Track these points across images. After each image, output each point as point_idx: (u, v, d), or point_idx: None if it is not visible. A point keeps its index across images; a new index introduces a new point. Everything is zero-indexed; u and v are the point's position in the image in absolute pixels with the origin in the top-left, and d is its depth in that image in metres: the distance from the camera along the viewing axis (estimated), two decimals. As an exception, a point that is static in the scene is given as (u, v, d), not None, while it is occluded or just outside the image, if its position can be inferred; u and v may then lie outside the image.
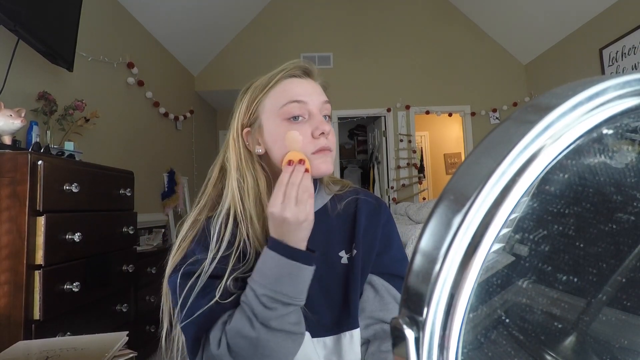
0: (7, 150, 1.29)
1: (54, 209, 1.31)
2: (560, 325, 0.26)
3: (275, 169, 0.64)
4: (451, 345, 0.15)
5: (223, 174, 0.66)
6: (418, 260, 0.17)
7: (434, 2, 4.50)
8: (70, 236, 1.36)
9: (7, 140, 1.44)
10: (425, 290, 0.16)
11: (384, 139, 4.52)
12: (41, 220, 1.25)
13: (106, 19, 2.54)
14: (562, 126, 0.16)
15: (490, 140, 0.17)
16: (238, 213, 0.60)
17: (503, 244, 0.23)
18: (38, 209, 1.25)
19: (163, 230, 2.80)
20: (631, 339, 0.26)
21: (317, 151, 0.60)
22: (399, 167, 4.39)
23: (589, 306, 0.26)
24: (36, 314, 1.22)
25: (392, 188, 4.38)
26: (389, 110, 4.40)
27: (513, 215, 0.16)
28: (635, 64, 2.92)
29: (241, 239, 0.60)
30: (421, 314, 0.16)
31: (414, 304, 0.16)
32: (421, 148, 5.75)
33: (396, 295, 0.64)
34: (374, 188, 5.07)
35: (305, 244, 0.56)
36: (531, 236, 0.23)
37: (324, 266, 0.63)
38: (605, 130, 0.20)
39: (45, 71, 1.92)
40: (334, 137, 0.64)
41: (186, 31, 3.50)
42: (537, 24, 3.82)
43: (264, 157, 0.65)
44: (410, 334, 0.16)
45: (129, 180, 1.88)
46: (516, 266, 0.24)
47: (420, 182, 4.63)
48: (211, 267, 0.58)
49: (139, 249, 2.17)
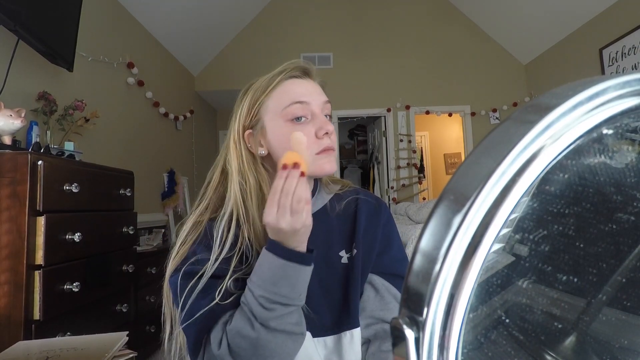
0: (7, 150, 1.29)
1: (54, 209, 1.31)
2: (560, 325, 0.26)
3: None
4: (451, 345, 0.15)
5: (225, 177, 0.66)
6: (418, 260, 0.17)
7: (434, 2, 4.50)
8: (70, 236, 1.36)
9: (7, 140, 1.44)
10: (425, 290, 0.16)
11: (384, 139, 4.52)
12: (41, 220, 1.25)
13: (106, 19, 2.54)
14: (562, 126, 0.16)
15: (490, 140, 0.17)
16: (241, 216, 0.60)
17: (503, 244, 0.23)
18: (38, 209, 1.25)
19: (163, 230, 2.80)
20: (631, 339, 0.26)
21: (322, 151, 0.61)
22: (399, 167, 4.39)
23: (589, 306, 0.26)
24: (36, 314, 1.22)
25: (392, 188, 4.38)
26: (389, 110, 4.40)
27: (513, 215, 0.16)
28: (635, 64, 2.92)
29: (243, 242, 0.60)
30: (421, 314, 0.16)
31: (414, 304, 0.16)
32: (421, 148, 5.75)
33: (397, 295, 0.64)
34: (374, 188, 5.07)
35: (305, 245, 0.55)
36: (531, 236, 0.23)
37: (324, 266, 0.64)
38: (605, 130, 0.20)
39: (45, 71, 1.92)
40: (335, 137, 0.64)
41: (186, 31, 3.50)
42: (537, 24, 3.82)
43: (266, 159, 0.65)
44: (410, 334, 0.16)
45: (129, 180, 1.88)
46: (516, 266, 0.24)
47: (420, 182, 4.63)
48: (213, 269, 0.58)
49: (139, 249, 2.17)
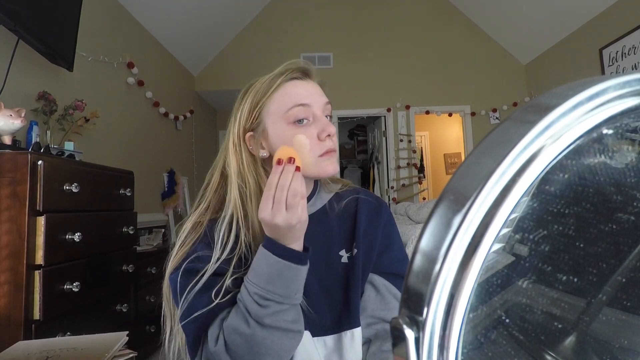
0: (7, 150, 1.29)
1: (54, 209, 1.31)
2: (560, 325, 0.26)
3: None
4: (451, 345, 0.15)
5: (224, 179, 0.66)
6: (418, 260, 0.17)
7: (434, 2, 4.50)
8: (70, 236, 1.36)
9: (7, 140, 1.44)
10: (425, 290, 0.16)
11: (384, 139, 4.52)
12: (41, 220, 1.25)
13: (106, 19, 2.54)
14: (562, 126, 0.16)
15: (490, 140, 0.17)
16: (240, 220, 0.61)
17: (503, 244, 0.23)
18: (38, 209, 1.25)
19: (163, 230, 2.80)
20: (631, 339, 0.26)
21: (324, 153, 0.61)
22: (399, 167, 4.39)
23: (589, 306, 0.26)
24: (36, 314, 1.22)
25: (392, 188, 4.38)
26: (389, 110, 4.40)
27: (513, 215, 0.16)
28: (635, 64, 2.92)
29: (242, 244, 0.60)
30: (421, 314, 0.16)
31: (414, 303, 0.16)
32: (421, 148, 5.75)
33: (397, 295, 0.64)
34: (374, 188, 5.07)
35: (301, 242, 0.56)
36: (531, 236, 0.23)
37: (324, 265, 0.64)
38: (605, 130, 0.20)
39: (45, 71, 1.92)
40: (336, 138, 0.64)
41: (186, 31, 3.50)
42: (537, 24, 3.82)
43: (267, 161, 0.65)
44: (410, 334, 0.16)
45: (129, 180, 1.88)
46: (516, 266, 0.24)
47: (420, 182, 4.63)
48: (213, 269, 0.58)
49: (139, 249, 2.17)
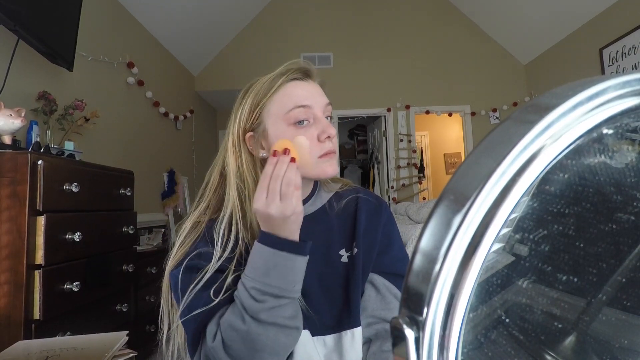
0: (7, 150, 1.29)
1: (54, 208, 1.31)
2: (560, 325, 0.26)
3: None
4: (451, 345, 0.15)
5: (223, 179, 0.66)
6: (418, 260, 0.17)
7: (434, 2, 4.50)
8: (70, 236, 1.36)
9: (7, 140, 1.44)
10: (425, 290, 0.16)
11: (384, 138, 4.52)
12: (41, 220, 1.25)
13: (106, 19, 2.54)
14: (562, 126, 0.16)
15: (490, 140, 0.17)
16: (238, 220, 0.61)
17: (503, 244, 0.23)
18: (38, 208, 1.25)
19: (163, 230, 2.80)
20: (631, 339, 0.26)
21: (324, 155, 0.61)
22: (399, 167, 4.39)
23: (589, 306, 0.26)
24: (36, 314, 1.22)
25: (392, 188, 4.38)
26: (389, 110, 4.40)
27: (513, 215, 0.16)
28: (635, 64, 2.92)
29: (242, 244, 0.60)
30: (421, 314, 0.16)
31: (414, 303, 0.16)
32: (421, 148, 5.75)
33: (397, 295, 0.64)
34: (374, 188, 5.06)
35: (297, 235, 0.55)
36: (531, 236, 0.23)
37: (323, 265, 0.64)
38: (605, 130, 0.20)
39: (45, 71, 1.92)
40: (336, 139, 0.64)
41: (186, 31, 3.50)
42: (537, 24, 3.82)
43: (266, 161, 0.65)
44: (410, 333, 0.16)
45: (129, 180, 1.88)
46: (516, 266, 0.24)
47: (420, 182, 4.63)
48: (214, 268, 0.58)
49: (139, 248, 2.17)
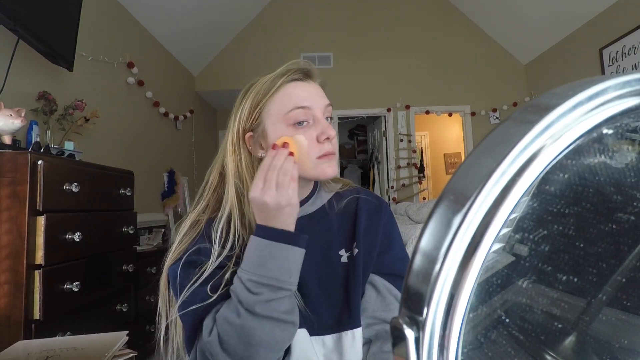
0: (7, 150, 1.29)
1: (54, 208, 1.31)
2: (560, 325, 0.26)
3: None
4: (451, 345, 0.15)
5: (222, 178, 0.66)
6: (418, 260, 0.17)
7: (434, 2, 4.50)
8: (70, 236, 1.36)
9: (7, 140, 1.44)
10: (425, 290, 0.16)
11: (384, 139, 4.52)
12: (41, 220, 1.25)
13: (106, 19, 2.54)
14: (562, 126, 0.16)
15: (490, 140, 0.17)
16: (237, 220, 0.61)
17: (503, 244, 0.23)
18: (38, 208, 1.25)
19: (163, 230, 2.80)
20: (631, 339, 0.26)
21: (323, 156, 0.61)
22: (399, 167, 4.39)
23: (589, 306, 0.26)
24: (36, 314, 1.22)
25: (392, 188, 4.38)
26: (389, 110, 4.40)
27: (513, 215, 0.16)
28: (635, 64, 2.92)
29: (240, 244, 0.61)
30: (421, 314, 0.16)
31: (414, 303, 0.16)
32: (421, 148, 5.75)
33: (398, 296, 0.64)
34: (374, 188, 5.06)
35: (292, 227, 0.56)
36: (531, 236, 0.23)
37: (323, 265, 0.64)
38: (605, 130, 0.20)
39: (45, 71, 1.92)
40: (336, 140, 0.64)
41: (186, 31, 3.50)
42: (537, 24, 3.82)
43: None
44: (410, 333, 0.16)
45: (129, 180, 1.88)
46: (516, 266, 0.24)
47: (420, 182, 4.63)
48: (211, 268, 0.58)
49: (139, 248, 2.17)
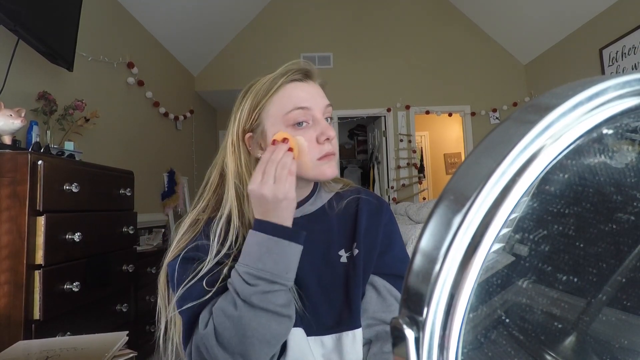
0: (7, 150, 1.29)
1: (54, 209, 1.31)
2: (560, 325, 0.26)
3: None
4: (451, 345, 0.15)
5: (222, 178, 0.66)
6: (418, 260, 0.17)
7: (434, 2, 4.50)
8: (70, 236, 1.36)
9: (7, 140, 1.44)
10: (425, 290, 0.16)
11: (384, 139, 4.52)
12: (41, 220, 1.25)
13: (106, 19, 2.54)
14: (562, 126, 0.16)
15: (490, 140, 0.17)
16: (236, 220, 0.61)
17: (503, 244, 0.23)
18: (38, 209, 1.25)
19: (163, 230, 2.80)
20: (631, 339, 0.26)
21: (323, 157, 0.61)
22: (399, 167, 4.39)
23: (589, 306, 0.26)
24: (36, 314, 1.22)
25: (392, 188, 4.38)
26: (389, 110, 4.40)
27: (513, 215, 0.16)
28: (635, 64, 2.92)
29: (239, 243, 0.61)
30: (421, 314, 0.16)
31: (414, 304, 0.16)
32: (421, 148, 5.75)
33: (398, 296, 0.64)
34: (374, 188, 5.06)
35: (290, 223, 0.56)
36: (531, 236, 0.23)
37: (322, 264, 0.64)
38: (605, 130, 0.20)
39: (45, 71, 1.92)
40: (336, 141, 0.64)
41: (186, 31, 3.50)
42: (537, 24, 3.82)
43: None
44: (410, 334, 0.16)
45: (129, 180, 1.88)
46: (516, 266, 0.24)
47: (420, 182, 4.63)
48: (209, 265, 0.58)
49: (139, 248, 2.17)
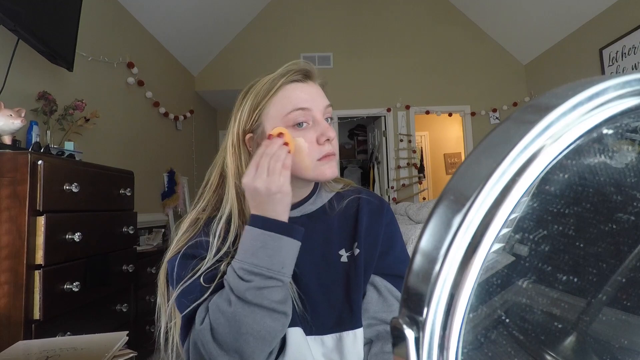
0: (7, 150, 1.29)
1: (54, 209, 1.31)
2: (560, 325, 0.26)
3: None
4: (451, 345, 0.15)
5: (223, 179, 0.66)
6: (418, 260, 0.17)
7: (433, 2, 4.50)
8: (70, 236, 1.36)
9: (7, 140, 1.44)
10: (425, 290, 0.16)
11: (384, 139, 4.52)
12: (41, 220, 1.25)
13: (106, 19, 2.54)
14: (562, 126, 0.16)
15: (490, 140, 0.17)
16: (237, 220, 0.61)
17: (503, 244, 0.23)
18: (38, 209, 1.25)
19: (163, 230, 2.80)
20: (631, 339, 0.26)
21: (323, 157, 0.61)
22: (399, 167, 4.39)
23: (589, 306, 0.26)
24: (36, 314, 1.22)
25: (392, 188, 4.38)
26: (389, 110, 4.40)
27: (513, 215, 0.16)
28: (635, 64, 2.92)
29: (237, 242, 0.61)
30: (421, 314, 0.16)
31: (414, 303, 0.16)
32: (421, 148, 5.75)
33: (399, 296, 0.64)
34: (374, 188, 5.06)
35: (285, 217, 0.56)
36: (531, 236, 0.23)
37: (322, 264, 0.64)
38: (605, 130, 0.20)
39: (45, 71, 1.92)
40: (336, 141, 0.64)
41: (186, 31, 3.50)
42: (537, 24, 3.82)
43: None
44: (410, 333, 0.16)
45: (129, 180, 1.88)
46: (516, 266, 0.24)
47: (420, 182, 4.63)
48: (209, 263, 0.58)
49: (139, 248, 2.17)
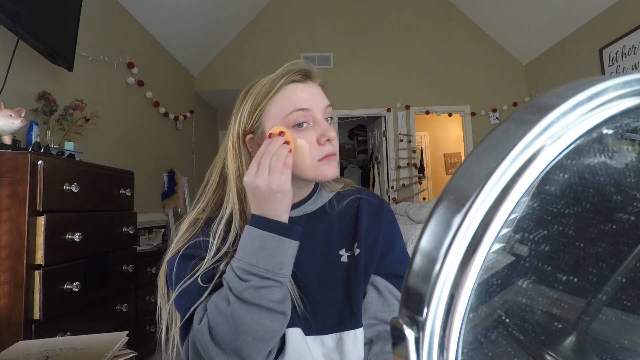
0: (7, 150, 1.29)
1: (54, 209, 1.31)
2: (560, 325, 0.26)
3: None
4: (451, 345, 0.15)
5: (223, 179, 0.66)
6: (418, 260, 0.17)
7: (434, 2, 4.50)
8: (70, 236, 1.36)
9: (7, 140, 1.44)
10: (425, 290, 0.16)
11: (384, 139, 4.52)
12: (41, 220, 1.25)
13: (106, 19, 2.54)
14: (562, 126, 0.16)
15: (490, 140, 0.17)
16: (238, 221, 0.61)
17: (503, 244, 0.23)
18: (38, 209, 1.25)
19: (163, 230, 2.80)
20: (631, 339, 0.26)
21: (324, 157, 0.61)
22: (399, 167, 4.39)
23: (589, 306, 0.26)
24: (36, 314, 1.22)
25: (392, 188, 4.38)
26: (389, 110, 4.40)
27: (513, 215, 0.16)
28: (635, 64, 2.92)
29: (237, 243, 0.61)
30: (421, 314, 0.16)
31: (414, 303, 0.16)
32: (421, 148, 5.75)
33: (399, 297, 0.64)
34: (374, 188, 5.06)
35: (285, 217, 0.56)
36: (531, 236, 0.23)
37: (323, 264, 0.64)
38: (605, 130, 0.20)
39: (45, 71, 1.92)
40: (337, 140, 0.64)
41: (186, 31, 3.50)
42: (537, 24, 3.82)
43: None
44: (410, 333, 0.16)
45: (129, 180, 1.88)
46: (516, 266, 0.24)
47: (420, 182, 4.63)
48: (208, 263, 0.58)
49: (139, 248, 2.17)
